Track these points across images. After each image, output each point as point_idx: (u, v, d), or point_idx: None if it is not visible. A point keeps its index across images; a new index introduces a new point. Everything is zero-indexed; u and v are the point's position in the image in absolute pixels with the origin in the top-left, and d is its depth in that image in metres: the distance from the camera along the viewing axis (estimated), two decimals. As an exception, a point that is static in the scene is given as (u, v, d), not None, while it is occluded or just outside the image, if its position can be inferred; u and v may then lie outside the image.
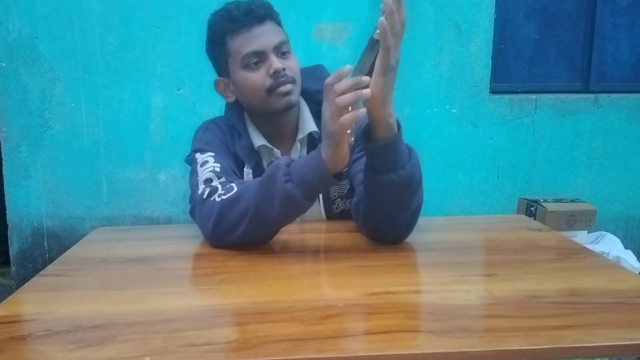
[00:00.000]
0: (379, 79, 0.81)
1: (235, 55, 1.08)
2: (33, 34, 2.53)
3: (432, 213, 2.82)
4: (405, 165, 0.88)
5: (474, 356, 0.58)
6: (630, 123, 2.84)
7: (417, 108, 2.73)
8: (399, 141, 0.87)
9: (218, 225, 0.94)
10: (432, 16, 2.68)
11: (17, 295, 0.79)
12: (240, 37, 1.07)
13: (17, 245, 2.68)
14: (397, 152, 0.87)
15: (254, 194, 0.90)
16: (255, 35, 1.06)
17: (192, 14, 2.58)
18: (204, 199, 0.96)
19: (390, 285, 0.77)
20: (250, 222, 0.91)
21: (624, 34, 2.92)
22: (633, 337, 0.61)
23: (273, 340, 0.60)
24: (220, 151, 1.09)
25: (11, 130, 2.59)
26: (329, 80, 0.83)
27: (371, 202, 0.94)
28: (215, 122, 1.17)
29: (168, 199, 2.71)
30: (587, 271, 0.84)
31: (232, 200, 0.93)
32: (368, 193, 0.94)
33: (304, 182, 0.86)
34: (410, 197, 0.91)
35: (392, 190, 0.89)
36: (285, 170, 0.87)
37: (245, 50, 1.06)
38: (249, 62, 1.07)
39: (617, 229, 2.83)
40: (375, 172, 0.89)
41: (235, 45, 1.08)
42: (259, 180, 0.92)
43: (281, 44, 1.08)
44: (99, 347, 0.60)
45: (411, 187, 0.90)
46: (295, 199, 0.86)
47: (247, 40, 1.06)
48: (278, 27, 1.10)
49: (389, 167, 0.87)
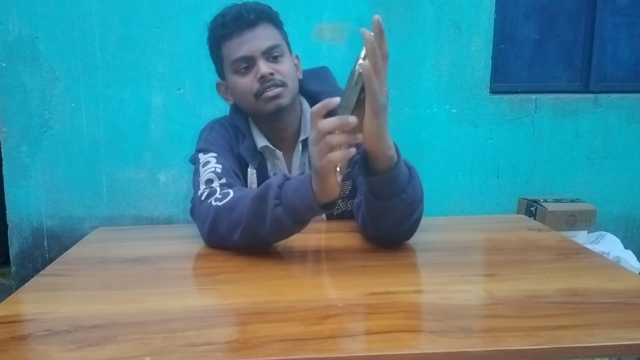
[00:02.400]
0: (372, 121, 0.76)
1: (227, 60, 1.10)
2: (33, 34, 2.53)
3: (432, 213, 2.80)
4: (407, 188, 0.85)
5: (474, 356, 0.58)
6: (630, 123, 2.84)
7: (417, 108, 2.73)
8: (400, 169, 0.84)
9: (213, 230, 0.94)
10: (432, 16, 2.68)
11: (17, 295, 0.79)
12: (231, 42, 1.08)
13: (17, 245, 2.68)
14: (398, 179, 0.84)
15: (247, 209, 0.88)
16: (245, 40, 1.06)
17: (192, 14, 2.58)
18: (202, 200, 0.96)
19: (390, 285, 0.77)
20: (243, 234, 0.89)
21: (624, 34, 2.92)
22: (633, 337, 0.61)
23: (273, 340, 0.60)
24: (223, 152, 1.10)
25: (11, 130, 2.59)
26: (315, 109, 0.77)
27: (372, 220, 0.93)
28: (220, 122, 1.18)
29: (168, 199, 2.71)
30: (587, 271, 0.84)
31: (227, 208, 0.91)
32: (369, 213, 0.92)
33: (293, 208, 0.83)
34: (412, 213, 0.90)
35: (394, 211, 0.87)
36: (276, 193, 0.84)
37: (234, 56, 1.07)
38: (239, 67, 1.08)
39: (617, 229, 2.83)
40: (376, 197, 0.87)
41: (227, 51, 1.09)
42: (252, 196, 0.89)
43: (272, 48, 1.07)
44: (99, 347, 0.60)
45: (413, 206, 0.88)
46: (284, 223, 0.85)
47: (237, 46, 1.07)
48: (272, 31, 1.10)
49: (391, 193, 0.85)
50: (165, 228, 1.70)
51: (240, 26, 1.06)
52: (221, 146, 1.11)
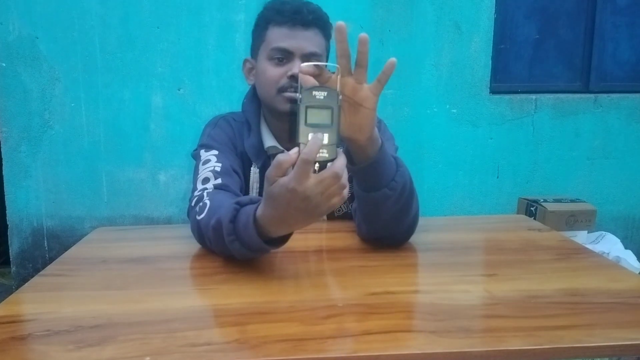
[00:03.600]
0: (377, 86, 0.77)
1: (268, 44, 1.09)
2: (33, 34, 2.53)
3: (432, 213, 2.82)
4: (395, 176, 0.85)
5: (474, 356, 0.58)
6: (630, 123, 2.85)
7: (417, 108, 2.73)
8: (385, 153, 0.84)
9: (201, 241, 0.94)
10: (432, 16, 2.68)
11: (17, 295, 0.79)
12: (279, 30, 1.07)
13: (17, 245, 2.68)
14: (385, 164, 0.84)
15: (211, 236, 0.85)
16: (294, 35, 1.06)
17: (192, 14, 2.58)
18: (192, 206, 0.96)
19: (390, 285, 0.77)
20: (221, 252, 0.87)
21: (624, 34, 2.92)
22: (633, 337, 0.61)
23: (273, 340, 0.60)
24: (225, 149, 1.09)
25: (11, 130, 2.59)
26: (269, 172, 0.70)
27: (368, 218, 0.92)
28: (225, 119, 1.17)
29: (168, 199, 2.71)
30: (587, 271, 0.84)
31: (203, 224, 0.88)
32: (364, 211, 0.92)
33: (249, 244, 0.78)
34: (407, 205, 0.89)
35: (387, 203, 0.86)
36: (228, 230, 0.79)
37: (277, 44, 1.07)
38: (275, 55, 1.07)
39: (617, 229, 2.83)
40: (367, 190, 0.86)
41: (272, 35, 1.08)
42: (212, 224, 0.84)
43: (313, 54, 1.07)
44: (99, 347, 0.60)
45: (404, 195, 0.87)
46: (248, 255, 0.81)
47: (284, 36, 1.06)
48: (321, 39, 1.09)
49: (380, 182, 0.85)
50: (165, 228, 1.70)
51: (296, 21, 1.06)
52: (224, 143, 1.11)
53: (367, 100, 0.78)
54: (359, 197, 0.90)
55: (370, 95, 0.78)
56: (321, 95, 0.70)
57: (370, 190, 0.86)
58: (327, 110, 0.69)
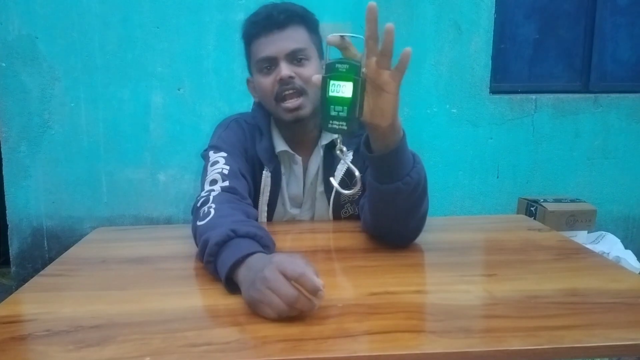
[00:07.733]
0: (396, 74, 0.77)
1: (254, 58, 1.10)
2: (33, 34, 2.53)
3: (432, 213, 2.80)
4: (411, 172, 0.84)
5: (474, 356, 0.58)
6: (630, 123, 2.85)
7: (417, 108, 2.73)
8: (406, 145, 0.83)
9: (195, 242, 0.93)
10: (432, 16, 2.68)
11: (17, 295, 0.79)
12: (258, 41, 1.08)
13: (17, 245, 2.68)
14: (404, 156, 0.83)
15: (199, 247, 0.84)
16: (272, 40, 1.06)
17: (192, 14, 2.58)
18: (197, 207, 0.95)
19: (391, 285, 0.77)
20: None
21: (624, 34, 2.92)
22: (633, 337, 0.61)
23: (273, 340, 0.60)
24: (235, 152, 1.09)
25: (11, 130, 2.59)
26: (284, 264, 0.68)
27: (378, 212, 0.92)
28: (237, 121, 1.16)
29: (168, 199, 2.71)
30: (587, 271, 0.84)
31: (199, 231, 0.87)
32: (374, 204, 0.91)
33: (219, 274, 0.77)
34: (417, 204, 0.89)
35: (398, 199, 0.86)
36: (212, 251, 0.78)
37: (259, 55, 1.08)
38: (262, 66, 1.08)
39: (617, 229, 2.83)
40: (381, 182, 0.85)
41: (254, 49, 1.09)
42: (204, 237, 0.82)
43: (297, 50, 1.06)
44: (99, 347, 0.60)
45: (417, 193, 0.87)
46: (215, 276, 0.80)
47: (263, 45, 1.07)
48: (302, 34, 1.09)
49: (396, 175, 0.84)
50: (165, 228, 1.70)
51: (269, 26, 1.06)
52: (234, 145, 1.10)
53: (388, 85, 0.78)
54: (371, 188, 0.89)
55: (390, 81, 0.78)
56: (343, 68, 0.70)
57: (383, 182, 0.85)
58: (349, 82, 0.70)
